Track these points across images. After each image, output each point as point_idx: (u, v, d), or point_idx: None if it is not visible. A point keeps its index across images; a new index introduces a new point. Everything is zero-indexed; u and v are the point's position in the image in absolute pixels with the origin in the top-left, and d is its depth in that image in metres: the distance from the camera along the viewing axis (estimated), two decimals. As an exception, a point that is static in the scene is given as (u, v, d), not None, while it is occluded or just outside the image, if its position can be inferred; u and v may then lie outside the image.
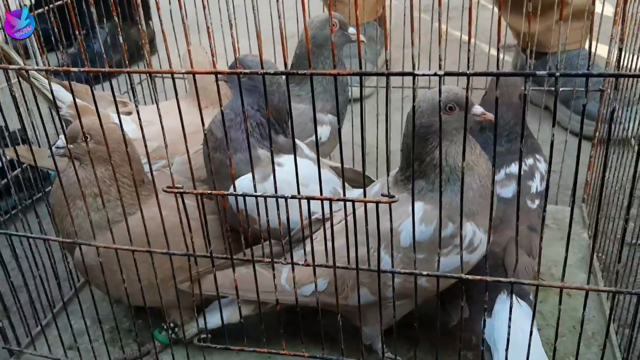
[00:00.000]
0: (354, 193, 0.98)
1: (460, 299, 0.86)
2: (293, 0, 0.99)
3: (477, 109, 0.85)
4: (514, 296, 0.85)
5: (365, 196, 0.75)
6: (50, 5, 1.03)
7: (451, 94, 0.83)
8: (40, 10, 1.13)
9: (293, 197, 0.78)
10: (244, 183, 0.92)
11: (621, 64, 0.66)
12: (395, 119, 0.81)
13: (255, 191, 0.81)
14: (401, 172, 0.90)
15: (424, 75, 0.66)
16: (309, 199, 0.78)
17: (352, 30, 1.18)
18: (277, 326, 0.91)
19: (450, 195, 0.85)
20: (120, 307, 1.17)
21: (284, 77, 0.96)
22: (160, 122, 0.77)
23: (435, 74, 0.65)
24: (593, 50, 1.24)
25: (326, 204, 0.79)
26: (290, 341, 0.93)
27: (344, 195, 0.79)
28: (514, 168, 1.03)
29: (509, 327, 0.79)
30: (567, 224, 0.70)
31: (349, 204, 0.78)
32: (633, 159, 1.06)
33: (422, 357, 1.00)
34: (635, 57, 1.06)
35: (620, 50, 0.63)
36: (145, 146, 0.94)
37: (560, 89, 1.41)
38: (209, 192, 0.83)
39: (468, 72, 0.64)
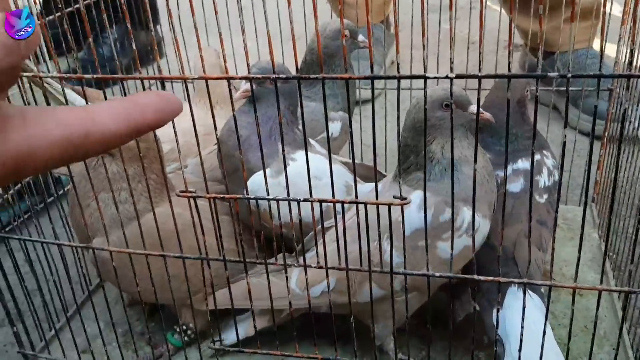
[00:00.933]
0: (365, 187, 1.00)
1: (467, 293, 0.86)
2: (300, 0, 1.00)
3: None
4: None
5: (377, 193, 0.76)
6: (62, 12, 1.03)
7: (449, 92, 0.85)
8: (51, 17, 1.14)
9: (305, 200, 0.79)
10: (257, 178, 0.94)
11: (633, 64, 0.66)
12: (403, 119, 0.83)
13: (267, 186, 0.81)
14: (399, 165, 0.92)
15: (435, 77, 0.66)
16: (321, 201, 0.79)
17: (360, 37, 1.21)
18: (290, 329, 0.91)
19: (447, 183, 0.86)
20: (134, 310, 1.18)
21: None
22: (173, 125, 0.77)
23: (446, 77, 0.65)
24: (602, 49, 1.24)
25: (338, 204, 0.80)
26: (303, 344, 0.93)
27: (356, 189, 0.80)
28: (520, 164, 1.05)
29: (522, 320, 0.79)
30: (577, 224, 0.71)
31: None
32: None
33: (435, 357, 1.01)
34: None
35: (632, 51, 0.63)
36: (159, 149, 0.95)
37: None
38: (222, 196, 0.84)
39: (479, 74, 0.65)
